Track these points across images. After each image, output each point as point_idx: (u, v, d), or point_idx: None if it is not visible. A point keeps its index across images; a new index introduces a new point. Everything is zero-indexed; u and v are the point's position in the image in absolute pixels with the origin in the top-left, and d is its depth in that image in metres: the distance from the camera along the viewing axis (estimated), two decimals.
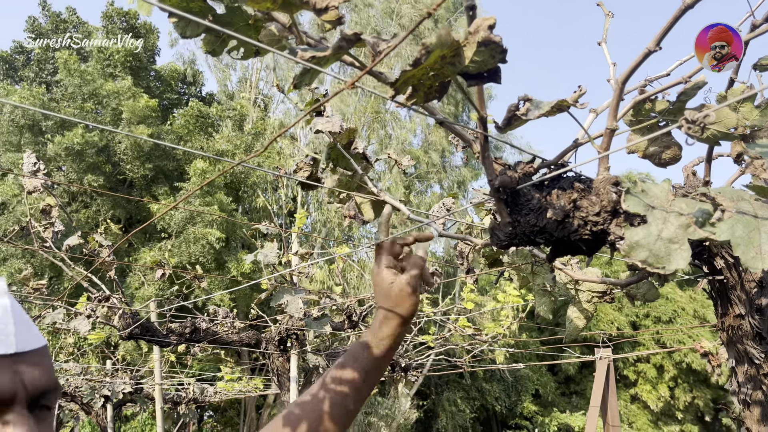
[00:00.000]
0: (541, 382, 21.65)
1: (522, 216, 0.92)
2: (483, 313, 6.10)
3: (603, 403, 3.33)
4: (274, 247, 2.39)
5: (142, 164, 13.88)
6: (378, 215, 1.43)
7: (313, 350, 2.97)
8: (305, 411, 0.88)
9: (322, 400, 0.89)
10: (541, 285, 1.49)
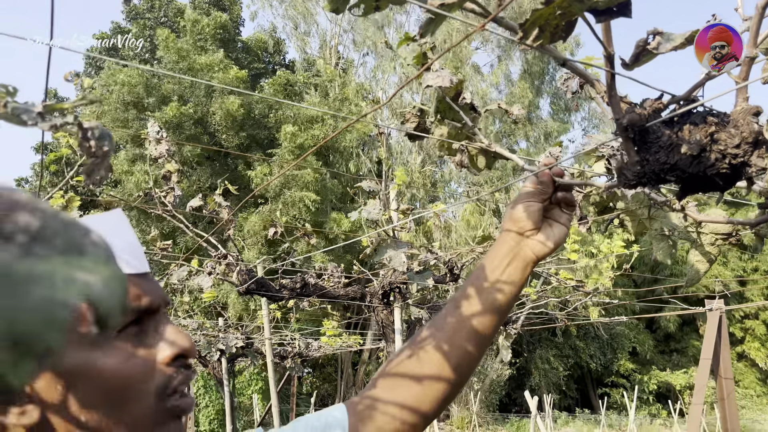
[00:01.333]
0: (638, 339, 21.03)
1: (651, 154, 0.91)
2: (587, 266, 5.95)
3: (714, 357, 3.22)
4: (376, 204, 2.45)
5: (236, 133, 14.44)
6: (489, 165, 1.44)
7: (416, 303, 3.04)
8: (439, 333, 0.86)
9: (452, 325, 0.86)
10: (659, 230, 1.45)
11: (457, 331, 0.85)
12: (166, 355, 0.61)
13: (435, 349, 0.85)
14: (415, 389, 0.83)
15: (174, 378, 0.61)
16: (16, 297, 0.22)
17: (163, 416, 0.60)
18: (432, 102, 1.38)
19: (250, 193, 13.82)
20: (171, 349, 0.61)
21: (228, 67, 14.70)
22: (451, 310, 0.87)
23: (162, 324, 0.63)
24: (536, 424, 5.89)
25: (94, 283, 0.34)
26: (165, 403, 0.60)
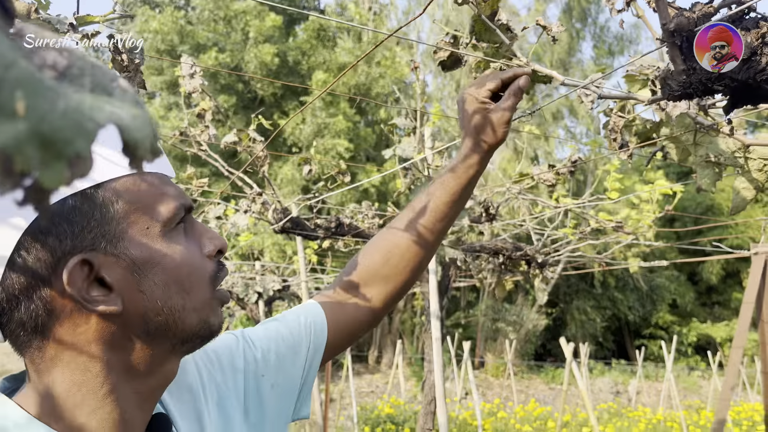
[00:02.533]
0: (678, 291, 20.74)
1: (698, 62, 0.86)
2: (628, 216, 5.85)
3: (758, 301, 3.15)
4: (411, 142, 2.42)
5: (270, 82, 14.41)
6: (529, 88, 1.39)
7: (450, 244, 3.04)
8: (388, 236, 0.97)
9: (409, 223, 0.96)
10: (705, 156, 1.40)
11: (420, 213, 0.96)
12: (210, 249, 0.68)
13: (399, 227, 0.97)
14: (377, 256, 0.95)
15: (219, 271, 0.68)
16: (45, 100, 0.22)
17: (215, 304, 0.67)
18: (466, 24, 1.33)
19: (284, 141, 13.86)
20: (212, 244, 0.68)
21: (263, 13, 14.55)
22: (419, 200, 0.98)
23: (196, 223, 0.69)
24: (571, 370, 5.90)
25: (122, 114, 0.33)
26: (216, 293, 0.67)
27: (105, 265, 0.59)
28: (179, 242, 0.64)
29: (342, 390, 9.68)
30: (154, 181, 0.64)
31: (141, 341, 0.62)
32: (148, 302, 0.61)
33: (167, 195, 0.64)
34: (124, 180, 0.61)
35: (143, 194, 0.62)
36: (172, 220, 0.63)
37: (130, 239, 0.60)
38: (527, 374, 17.25)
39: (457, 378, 10.33)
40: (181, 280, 0.63)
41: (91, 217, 0.58)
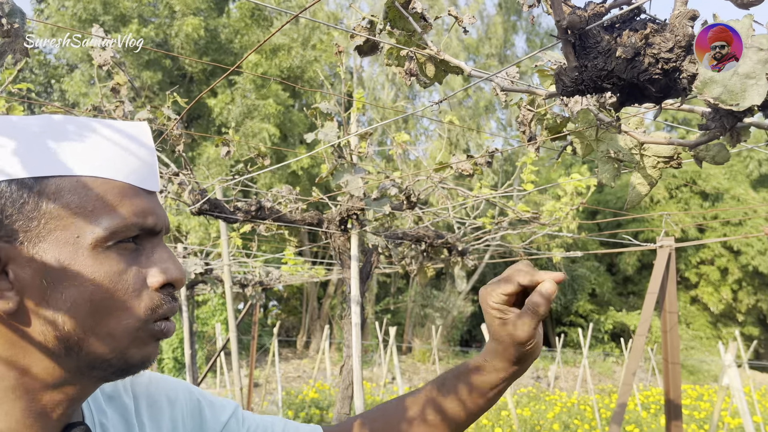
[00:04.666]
0: (598, 281, 21.72)
1: (590, 60, 0.90)
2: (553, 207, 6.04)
3: (661, 291, 3.33)
4: (334, 126, 2.41)
5: (199, 58, 13.97)
6: (439, 78, 1.41)
7: (373, 231, 3.05)
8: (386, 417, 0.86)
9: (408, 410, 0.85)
10: (605, 151, 1.46)
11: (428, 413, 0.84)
12: (156, 281, 0.60)
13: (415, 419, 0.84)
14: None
15: (161, 306, 0.61)
16: None
17: (144, 337, 0.60)
18: (381, 8, 1.33)
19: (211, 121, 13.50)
20: (162, 276, 0.61)
21: None
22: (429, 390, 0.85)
23: (159, 248, 0.62)
24: None
25: None
26: (148, 326, 0.60)
27: (15, 260, 0.55)
28: (115, 263, 0.58)
29: (268, 375, 9.61)
30: (112, 190, 0.59)
31: (41, 352, 0.57)
32: (50, 314, 0.56)
33: (120, 208, 0.58)
34: (77, 179, 0.57)
35: (89, 200, 0.57)
36: (113, 237, 0.57)
37: (52, 242, 0.56)
38: (453, 359, 17.66)
39: (384, 363, 10.45)
40: (97, 302, 0.56)
41: (19, 208, 0.55)
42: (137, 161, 0.61)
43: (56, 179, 0.56)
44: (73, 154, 0.57)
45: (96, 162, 0.58)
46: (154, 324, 0.61)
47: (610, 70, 0.88)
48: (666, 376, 3.21)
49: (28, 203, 0.55)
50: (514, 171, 17.96)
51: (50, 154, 0.56)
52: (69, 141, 0.58)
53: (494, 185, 15.53)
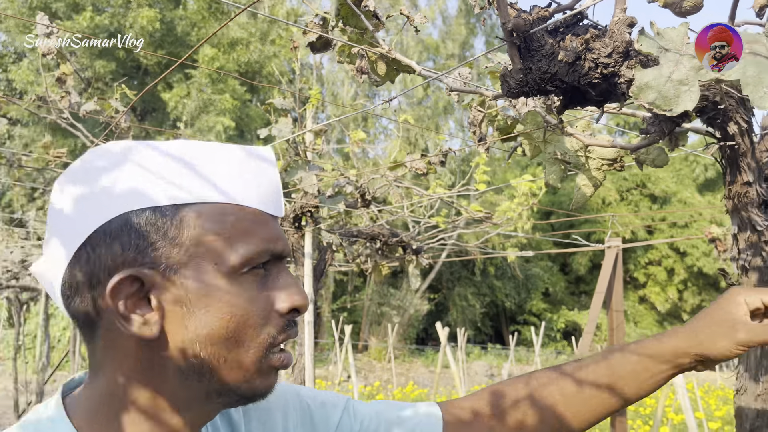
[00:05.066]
0: (551, 281, 22.18)
1: (534, 63, 0.91)
2: (508, 208, 6.14)
3: (608, 290, 3.42)
4: (288, 122, 2.39)
5: (154, 51, 13.64)
6: (391, 76, 1.42)
7: (328, 229, 3.05)
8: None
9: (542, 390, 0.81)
10: (552, 153, 1.49)
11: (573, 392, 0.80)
12: (285, 306, 0.61)
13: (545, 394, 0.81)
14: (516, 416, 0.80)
15: (285, 330, 0.61)
16: None
17: (267, 367, 0.60)
18: (333, 5, 1.33)
19: (166, 115, 13.21)
20: (289, 301, 0.61)
21: None
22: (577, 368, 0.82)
23: (284, 273, 0.63)
24: (445, 353, 6.15)
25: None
26: (270, 354, 0.60)
27: (158, 287, 0.56)
28: (248, 289, 0.59)
29: None
30: (246, 218, 0.60)
31: (174, 376, 0.58)
32: (188, 340, 0.57)
33: (254, 235, 0.59)
34: (214, 206, 0.58)
35: (226, 227, 0.58)
36: (248, 263, 0.58)
37: (192, 269, 0.57)
38: (409, 357, 17.76)
39: (339, 361, 10.43)
40: (232, 330, 0.57)
41: (163, 236, 0.56)
42: (267, 187, 0.63)
43: (196, 206, 0.58)
44: (211, 182, 0.59)
45: (231, 189, 0.59)
46: (272, 354, 0.60)
47: (553, 73, 0.90)
48: None
49: (171, 230, 0.56)
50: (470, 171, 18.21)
51: (189, 182, 0.58)
52: (206, 168, 0.59)
53: (451, 185, 15.64)
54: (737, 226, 1.34)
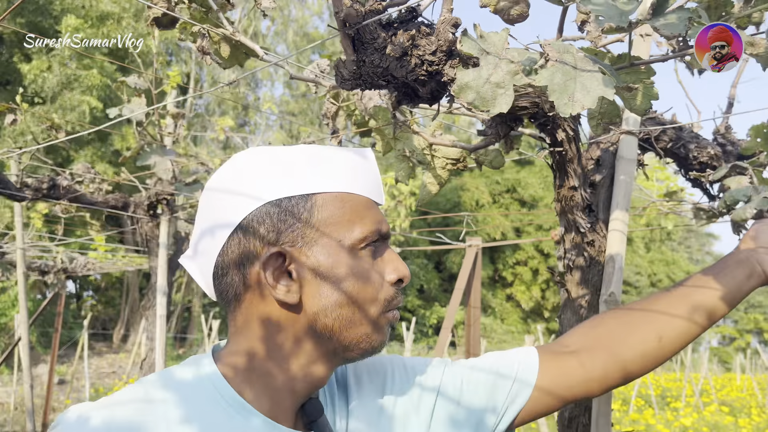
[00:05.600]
0: (426, 278, 22.89)
1: (367, 55, 0.91)
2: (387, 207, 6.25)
3: (467, 287, 3.56)
4: (141, 103, 2.25)
5: (12, 18, 12.38)
6: (239, 59, 1.37)
7: (187, 218, 2.91)
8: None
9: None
10: (401, 150, 1.51)
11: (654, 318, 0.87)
12: (393, 277, 0.73)
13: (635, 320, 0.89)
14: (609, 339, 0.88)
15: (395, 297, 0.74)
16: None
17: (382, 324, 0.73)
18: None
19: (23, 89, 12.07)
20: (396, 273, 0.74)
21: None
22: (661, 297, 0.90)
23: (388, 250, 0.76)
24: None
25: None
26: (385, 314, 0.73)
27: (296, 261, 0.69)
28: (365, 262, 0.71)
29: (75, 371, 8.82)
30: (360, 203, 0.73)
31: (307, 336, 0.70)
32: (321, 304, 0.69)
33: (366, 218, 0.72)
34: (335, 195, 0.71)
35: (346, 211, 0.71)
36: (364, 241, 0.71)
37: (323, 246, 0.69)
38: None
39: None
40: (356, 294, 0.69)
41: (298, 219, 0.69)
42: (372, 180, 0.77)
43: (322, 195, 0.71)
44: (331, 174, 0.72)
45: (348, 181, 0.73)
46: (388, 312, 0.73)
47: (385, 68, 0.90)
48: None
49: (303, 215, 0.69)
50: None
51: (314, 176, 0.71)
52: (326, 164, 0.73)
53: None
54: (564, 228, 1.44)
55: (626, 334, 0.87)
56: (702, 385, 12.76)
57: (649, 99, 0.98)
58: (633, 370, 0.86)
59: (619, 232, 1.41)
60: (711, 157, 1.58)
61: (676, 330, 0.86)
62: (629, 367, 0.85)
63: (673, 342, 0.86)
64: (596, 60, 0.85)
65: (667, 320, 0.86)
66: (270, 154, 0.74)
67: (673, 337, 0.85)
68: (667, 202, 2.44)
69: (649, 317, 0.87)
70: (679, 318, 0.86)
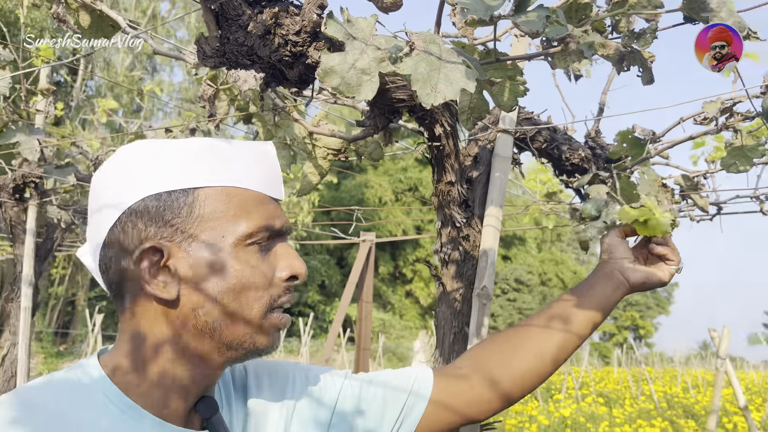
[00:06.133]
0: (328, 274, 22.85)
1: (231, 33, 0.87)
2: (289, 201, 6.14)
3: (360, 282, 3.56)
4: (5, 76, 2.07)
5: None
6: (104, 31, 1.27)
7: (62, 204, 2.71)
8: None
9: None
10: (282, 138, 1.47)
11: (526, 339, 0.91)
12: (285, 274, 0.71)
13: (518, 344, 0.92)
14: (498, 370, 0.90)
15: (284, 295, 0.72)
16: None
17: (268, 325, 0.70)
18: None
19: None
20: (289, 269, 0.72)
21: None
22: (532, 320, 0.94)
23: (284, 247, 0.74)
24: None
25: None
26: (271, 315, 0.70)
27: (175, 256, 0.67)
28: (251, 258, 0.69)
29: None
30: (249, 198, 0.71)
31: (188, 334, 0.68)
32: (200, 301, 0.67)
33: (255, 213, 0.70)
34: (221, 189, 0.69)
35: (231, 206, 0.69)
36: (250, 237, 0.69)
37: (204, 241, 0.67)
38: None
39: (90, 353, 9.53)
40: (238, 291, 0.68)
41: (178, 214, 0.67)
42: (267, 174, 0.75)
43: (205, 189, 0.69)
44: (218, 169, 0.70)
45: (236, 175, 0.71)
46: (275, 312, 0.70)
47: (249, 46, 0.86)
48: (357, 360, 3.43)
49: (184, 209, 0.67)
50: None
51: (200, 169, 0.69)
52: (214, 158, 0.71)
53: None
54: (441, 222, 1.45)
55: (509, 356, 0.91)
56: (582, 378, 13.61)
57: (515, 96, 1.00)
58: (513, 392, 0.90)
59: (493, 227, 1.45)
60: (582, 159, 1.66)
61: (555, 346, 0.90)
62: (510, 389, 0.90)
63: (554, 357, 0.90)
64: (461, 52, 0.85)
65: (546, 337, 0.91)
66: (156, 147, 0.72)
67: (553, 352, 0.90)
68: (547, 202, 2.55)
69: (528, 338, 0.92)
70: (557, 333, 0.91)
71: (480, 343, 0.99)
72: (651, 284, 0.94)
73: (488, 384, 0.88)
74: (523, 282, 27.35)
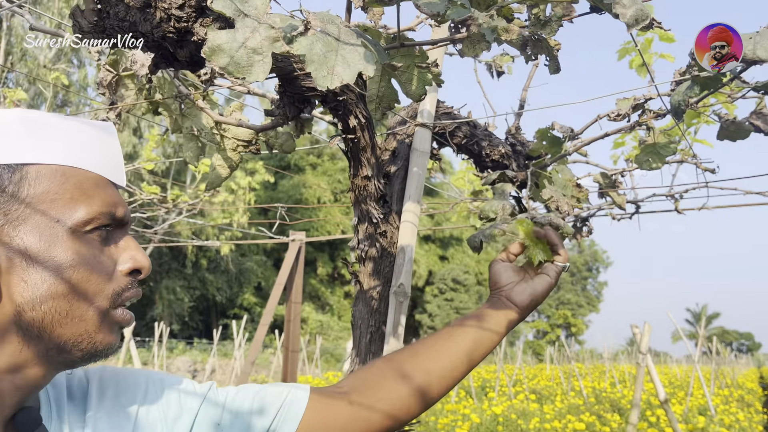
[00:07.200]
0: (264, 275, 22.49)
1: (111, 6, 0.79)
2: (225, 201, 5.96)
3: (289, 283, 3.48)
4: None
5: None
6: None
7: None
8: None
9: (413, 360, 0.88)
10: (190, 128, 1.39)
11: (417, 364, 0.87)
12: (126, 267, 0.64)
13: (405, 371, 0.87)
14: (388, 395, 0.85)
15: (128, 289, 0.64)
16: None
17: (109, 322, 0.63)
18: None
19: None
20: (131, 263, 0.64)
21: None
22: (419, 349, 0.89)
23: (126, 237, 0.67)
24: (129, 349, 5.70)
25: None
26: (113, 311, 0.63)
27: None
28: (90, 248, 0.61)
29: None
30: (88, 179, 0.63)
31: (11, 332, 0.59)
32: (29, 294, 0.58)
33: (96, 197, 0.62)
34: (55, 168, 0.61)
35: (68, 188, 0.61)
36: (90, 223, 0.61)
37: (34, 225, 0.59)
38: None
39: None
40: (75, 284, 0.60)
41: (1, 193, 0.58)
42: (108, 156, 0.67)
43: (36, 167, 0.60)
44: (52, 145, 0.62)
45: (74, 154, 0.63)
46: (117, 310, 0.63)
47: (132, 22, 0.78)
48: (285, 362, 3.35)
49: (9, 187, 0.59)
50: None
51: (30, 144, 0.61)
52: (47, 132, 0.62)
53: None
54: (358, 218, 1.40)
55: (393, 373, 0.87)
56: (516, 375, 13.90)
57: (423, 84, 0.96)
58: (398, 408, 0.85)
59: (411, 223, 1.41)
60: (502, 155, 1.64)
61: (441, 367, 0.88)
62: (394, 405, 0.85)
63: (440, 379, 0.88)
64: (361, 34, 0.81)
65: (433, 357, 0.88)
66: None
67: (438, 373, 0.87)
68: (472, 201, 2.55)
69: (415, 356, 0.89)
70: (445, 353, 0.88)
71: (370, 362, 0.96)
72: (540, 297, 0.94)
73: (370, 400, 0.84)
74: (460, 282, 27.75)
